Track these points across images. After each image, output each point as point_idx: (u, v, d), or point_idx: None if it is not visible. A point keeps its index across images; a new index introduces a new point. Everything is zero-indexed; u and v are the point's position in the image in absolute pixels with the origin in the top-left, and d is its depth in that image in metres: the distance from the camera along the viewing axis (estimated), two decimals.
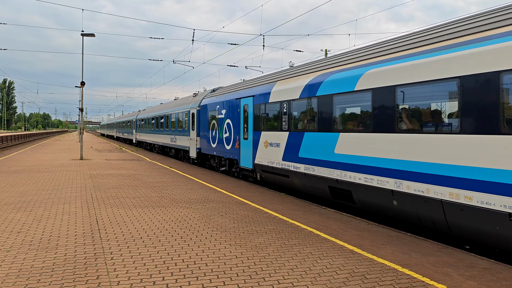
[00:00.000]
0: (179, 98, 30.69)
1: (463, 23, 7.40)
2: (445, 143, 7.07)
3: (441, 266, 5.88)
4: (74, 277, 5.17)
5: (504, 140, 6.11)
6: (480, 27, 6.85)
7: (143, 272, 5.41)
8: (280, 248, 6.67)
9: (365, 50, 9.85)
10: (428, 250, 6.74)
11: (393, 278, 5.38)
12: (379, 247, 6.82)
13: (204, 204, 10.37)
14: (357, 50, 10.48)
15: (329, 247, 6.80)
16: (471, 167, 6.60)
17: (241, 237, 7.31)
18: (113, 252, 6.26)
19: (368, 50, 9.75)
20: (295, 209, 10.08)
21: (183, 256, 6.15)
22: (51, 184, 13.65)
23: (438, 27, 8.09)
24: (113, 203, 10.33)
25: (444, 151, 7.08)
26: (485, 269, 5.78)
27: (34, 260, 5.84)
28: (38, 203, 10.22)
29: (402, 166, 7.97)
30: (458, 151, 6.82)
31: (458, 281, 5.28)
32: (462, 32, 7.15)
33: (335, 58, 11.19)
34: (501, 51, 6.21)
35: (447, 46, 7.22)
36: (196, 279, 5.21)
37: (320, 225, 8.39)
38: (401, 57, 8.21)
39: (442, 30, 7.75)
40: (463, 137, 6.75)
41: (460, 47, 6.92)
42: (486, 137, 6.37)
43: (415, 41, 8.21)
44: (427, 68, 7.47)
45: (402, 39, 8.90)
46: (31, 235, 7.23)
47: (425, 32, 8.30)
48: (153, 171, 18.23)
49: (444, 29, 7.76)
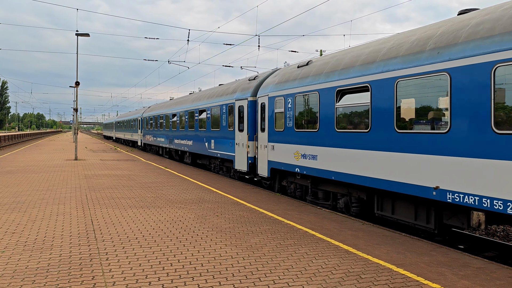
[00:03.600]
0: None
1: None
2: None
3: (436, 266, 5.92)
4: (69, 278, 5.15)
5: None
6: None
7: (138, 273, 5.41)
8: (275, 248, 6.69)
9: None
10: (422, 249, 6.78)
11: (388, 277, 5.41)
12: (374, 247, 6.85)
13: (199, 205, 10.36)
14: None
15: (324, 247, 6.82)
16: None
17: (236, 237, 7.31)
18: (108, 253, 6.25)
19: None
20: (291, 209, 10.10)
21: (179, 256, 6.15)
22: (46, 184, 13.58)
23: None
24: (108, 204, 10.30)
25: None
26: (479, 269, 5.82)
27: (28, 261, 5.81)
28: (33, 203, 10.17)
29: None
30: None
31: (452, 281, 5.32)
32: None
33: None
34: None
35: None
36: (192, 279, 5.21)
37: (316, 225, 8.41)
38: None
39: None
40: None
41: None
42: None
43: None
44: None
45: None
46: (26, 235, 7.19)
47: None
48: (148, 172, 18.19)
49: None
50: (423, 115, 7.45)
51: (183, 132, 23.39)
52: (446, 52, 6.99)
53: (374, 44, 9.49)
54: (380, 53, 8.75)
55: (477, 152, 6.42)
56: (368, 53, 9.21)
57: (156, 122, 30.67)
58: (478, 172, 6.39)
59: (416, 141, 7.52)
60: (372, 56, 8.98)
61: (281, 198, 11.74)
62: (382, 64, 8.49)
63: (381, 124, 8.38)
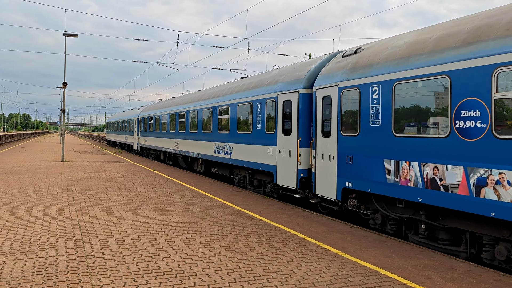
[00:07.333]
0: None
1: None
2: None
3: (422, 269, 5.99)
4: (56, 281, 5.09)
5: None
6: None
7: (126, 276, 5.36)
8: (264, 251, 6.69)
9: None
10: (409, 253, 6.84)
11: (375, 280, 5.45)
12: (362, 250, 6.90)
13: (188, 207, 10.32)
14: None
15: (312, 250, 6.84)
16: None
17: (225, 240, 7.30)
18: (95, 256, 6.19)
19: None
20: (279, 212, 10.11)
21: (167, 259, 6.12)
22: (31, 186, 13.40)
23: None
24: (95, 206, 10.20)
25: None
26: (465, 272, 5.90)
27: (14, 264, 5.73)
28: (18, 205, 10.02)
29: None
30: None
31: (438, 284, 5.38)
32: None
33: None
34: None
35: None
36: (181, 282, 5.19)
37: (304, 228, 8.44)
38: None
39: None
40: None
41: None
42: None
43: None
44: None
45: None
46: (11, 238, 7.09)
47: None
48: (136, 174, 18.06)
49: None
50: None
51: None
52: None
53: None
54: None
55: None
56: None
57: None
58: None
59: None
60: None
61: (270, 201, 11.75)
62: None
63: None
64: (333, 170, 9.55)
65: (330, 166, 9.68)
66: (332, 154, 9.59)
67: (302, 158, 10.87)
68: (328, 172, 9.76)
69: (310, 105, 11.01)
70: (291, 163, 11.23)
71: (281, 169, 11.74)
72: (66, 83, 24.88)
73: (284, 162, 11.56)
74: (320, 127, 10.16)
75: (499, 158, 6.03)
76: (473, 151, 6.41)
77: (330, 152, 9.71)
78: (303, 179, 10.87)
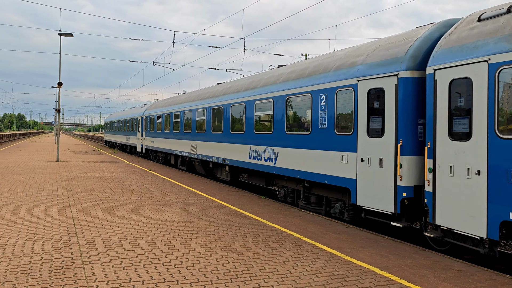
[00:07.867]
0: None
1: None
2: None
3: (418, 268, 6.01)
4: (51, 282, 5.07)
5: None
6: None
7: (122, 276, 5.34)
8: (260, 251, 6.69)
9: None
10: (405, 252, 6.87)
11: (371, 280, 5.46)
12: (358, 250, 6.91)
13: (184, 207, 10.31)
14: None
15: (309, 250, 6.85)
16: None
17: (221, 240, 7.30)
18: (91, 256, 6.16)
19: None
20: (275, 212, 10.12)
21: (163, 259, 6.11)
22: (26, 186, 13.33)
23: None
24: (90, 206, 10.16)
25: None
26: (460, 271, 5.93)
27: (9, 264, 5.69)
28: (13, 206, 9.97)
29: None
30: None
31: (434, 283, 5.41)
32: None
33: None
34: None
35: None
36: (177, 283, 5.18)
37: (300, 228, 8.45)
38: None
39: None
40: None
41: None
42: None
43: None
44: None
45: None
46: (6, 238, 7.05)
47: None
48: (132, 174, 18.01)
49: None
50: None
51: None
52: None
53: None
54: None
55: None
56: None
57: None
58: None
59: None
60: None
61: (265, 201, 11.76)
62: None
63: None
64: (478, 191, 6.47)
65: (470, 185, 6.60)
66: (477, 167, 6.51)
67: (404, 170, 7.77)
68: (466, 194, 6.65)
69: (417, 93, 7.93)
70: (384, 176, 8.15)
71: (364, 185, 8.64)
72: (61, 83, 24.77)
73: (370, 175, 8.49)
74: (446, 124, 7.03)
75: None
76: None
77: (469, 164, 6.65)
78: (405, 200, 7.86)
